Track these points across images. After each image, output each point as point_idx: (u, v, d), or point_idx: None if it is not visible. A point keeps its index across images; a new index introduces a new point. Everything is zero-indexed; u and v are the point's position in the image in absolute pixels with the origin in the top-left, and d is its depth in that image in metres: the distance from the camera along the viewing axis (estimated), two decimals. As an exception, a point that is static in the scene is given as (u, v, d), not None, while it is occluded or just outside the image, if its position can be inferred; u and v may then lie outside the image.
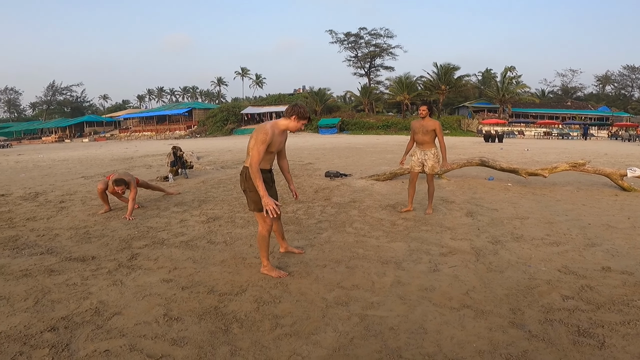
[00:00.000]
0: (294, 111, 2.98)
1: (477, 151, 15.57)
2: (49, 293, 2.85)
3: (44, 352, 2.12)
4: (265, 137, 2.85)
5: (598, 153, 15.62)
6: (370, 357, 2.06)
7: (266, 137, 2.85)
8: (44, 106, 72.44)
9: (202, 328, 2.35)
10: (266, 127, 2.90)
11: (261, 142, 2.84)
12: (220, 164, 11.57)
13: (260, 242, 3.12)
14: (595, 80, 67.98)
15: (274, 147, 3.00)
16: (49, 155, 19.26)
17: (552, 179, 7.72)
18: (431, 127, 4.98)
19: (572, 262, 3.37)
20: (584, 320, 2.40)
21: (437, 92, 42.11)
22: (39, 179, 9.35)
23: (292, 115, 2.98)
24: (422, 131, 5.01)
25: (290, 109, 3.00)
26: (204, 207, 5.70)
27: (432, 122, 5.00)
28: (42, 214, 5.43)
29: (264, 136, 2.85)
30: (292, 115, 2.98)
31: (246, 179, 3.00)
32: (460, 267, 3.28)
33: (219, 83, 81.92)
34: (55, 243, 4.07)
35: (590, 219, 4.84)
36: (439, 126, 5.01)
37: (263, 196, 2.83)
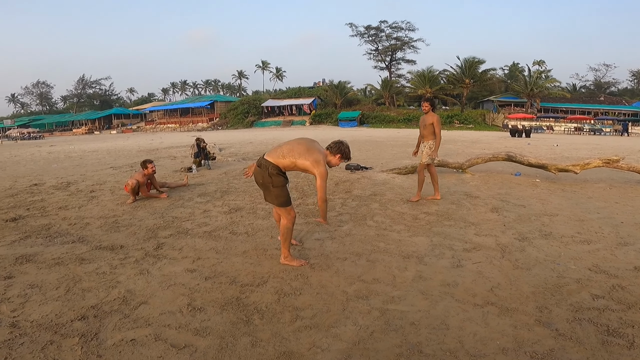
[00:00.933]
0: (340, 150, 3.14)
1: (503, 146, 15.13)
2: (79, 282, 2.96)
3: (74, 341, 2.18)
4: (327, 171, 3.00)
5: (632, 149, 14.90)
6: (391, 352, 2.04)
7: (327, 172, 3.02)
8: (75, 99, 75.20)
9: (224, 318, 2.39)
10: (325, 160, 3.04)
11: (326, 177, 2.98)
12: (242, 156, 11.70)
13: (286, 233, 3.15)
14: (630, 75, 64.71)
15: None
16: (79, 146, 19.98)
17: (583, 175, 7.42)
18: (430, 121, 5.37)
19: (604, 261, 3.25)
20: (613, 320, 2.32)
21: (461, 86, 41.06)
22: (70, 169, 9.72)
23: (338, 154, 3.14)
24: (423, 125, 5.46)
25: (336, 147, 3.13)
26: (226, 197, 5.78)
27: (431, 116, 5.38)
28: (74, 203, 5.64)
29: (326, 171, 2.99)
30: (338, 154, 3.14)
31: (270, 175, 3.00)
32: (485, 264, 3.21)
33: (240, 76, 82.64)
34: (86, 232, 4.23)
35: (623, 218, 4.63)
36: (437, 120, 5.37)
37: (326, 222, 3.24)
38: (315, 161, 2.94)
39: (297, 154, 2.98)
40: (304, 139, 3.15)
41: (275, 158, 3.01)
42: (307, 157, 2.96)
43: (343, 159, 3.17)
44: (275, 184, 3.01)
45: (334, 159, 3.14)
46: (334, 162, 3.15)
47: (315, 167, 2.93)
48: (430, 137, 5.42)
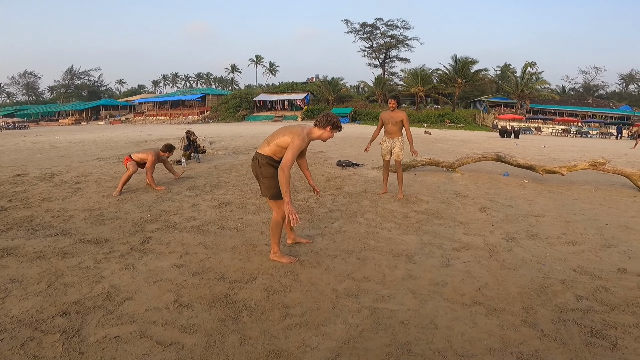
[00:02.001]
0: (329, 122, 3.04)
1: (492, 146, 15.29)
2: (62, 276, 2.88)
3: (55, 337, 2.12)
4: (301, 144, 2.87)
5: (617, 153, 15.21)
6: (380, 351, 2.04)
7: (302, 145, 2.88)
8: (62, 90, 73.79)
9: (211, 315, 2.36)
10: (303, 134, 2.91)
11: (297, 148, 2.83)
12: (232, 150, 11.59)
13: (274, 228, 3.13)
14: (619, 79, 65.94)
15: (301, 152, 3.15)
16: (65, 137, 19.56)
17: (570, 177, 7.54)
18: (399, 118, 5.48)
19: (588, 263, 3.30)
20: (597, 321, 2.35)
21: (453, 85, 41.34)
22: (55, 159, 9.51)
23: (327, 126, 3.04)
24: (392, 122, 5.50)
25: (324, 120, 3.04)
26: (215, 192, 5.72)
27: (400, 114, 5.49)
28: (58, 194, 5.52)
29: (301, 143, 2.86)
30: (327, 126, 3.04)
31: (259, 166, 3.03)
32: (473, 263, 3.23)
33: (232, 70, 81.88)
34: (69, 224, 4.13)
35: (607, 220, 4.71)
36: (406, 117, 5.50)
37: (287, 202, 2.73)
38: (292, 132, 2.90)
39: (277, 135, 2.98)
40: (287, 125, 3.10)
41: (263, 148, 3.06)
42: (286, 132, 2.94)
43: (334, 130, 3.08)
44: (265, 174, 3.02)
45: (324, 132, 3.05)
46: (326, 135, 3.06)
47: (291, 137, 2.86)
48: (399, 134, 5.55)
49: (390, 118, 5.53)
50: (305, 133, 2.94)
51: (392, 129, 5.55)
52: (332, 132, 3.07)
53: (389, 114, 5.56)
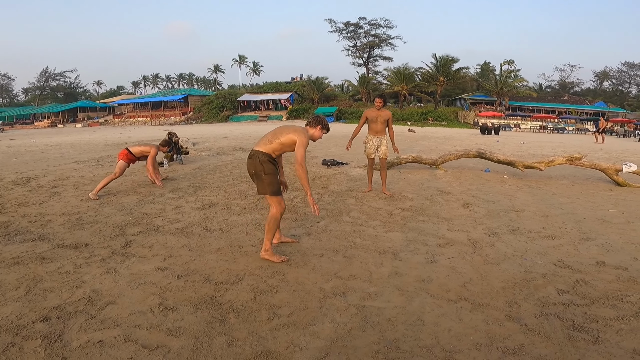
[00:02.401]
0: (319, 122, 3.32)
1: (474, 143, 15.57)
2: (41, 282, 2.80)
3: (37, 343, 2.07)
4: (307, 141, 3.11)
5: (593, 148, 15.69)
6: (369, 349, 2.05)
7: (307, 141, 3.11)
8: (37, 92, 71.63)
9: (198, 318, 2.32)
10: (306, 133, 3.16)
11: (306, 145, 3.07)
12: (216, 150, 11.46)
13: (272, 224, 3.16)
14: (594, 76, 68.12)
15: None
16: (41, 140, 18.97)
17: (548, 172, 7.74)
18: (386, 117, 5.54)
19: (567, 256, 3.38)
20: (578, 314, 2.40)
21: (435, 84, 41.89)
22: (31, 163, 9.21)
23: (318, 125, 3.30)
24: (380, 120, 5.54)
25: (314, 121, 3.32)
26: (199, 193, 5.64)
27: (387, 112, 5.58)
28: (34, 199, 5.34)
29: (307, 140, 3.10)
30: (318, 125, 3.30)
31: (260, 163, 3.07)
32: (457, 259, 3.28)
33: (215, 70, 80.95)
34: (47, 229, 4.01)
35: (585, 213, 4.86)
36: (391, 116, 5.65)
37: (310, 195, 3.05)
38: (296, 131, 3.10)
39: (280, 134, 3.11)
40: (286, 125, 3.29)
41: (263, 146, 3.12)
42: (290, 131, 3.11)
43: (324, 130, 3.33)
44: (267, 171, 3.08)
45: (315, 131, 3.29)
46: (317, 135, 3.30)
47: (297, 135, 3.06)
48: (384, 132, 5.61)
49: (377, 116, 5.55)
50: (307, 133, 3.17)
51: (378, 128, 5.58)
52: (322, 132, 3.32)
53: (375, 113, 5.56)
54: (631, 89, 64.29)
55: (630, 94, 62.66)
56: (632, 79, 64.31)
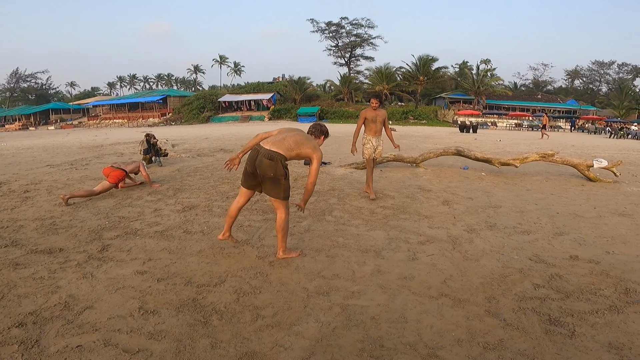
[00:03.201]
0: (322, 132, 3.50)
1: (453, 141, 15.87)
2: (14, 287, 2.70)
3: (13, 348, 2.02)
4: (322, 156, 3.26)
5: (565, 145, 16.25)
6: (353, 347, 2.06)
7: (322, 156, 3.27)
8: (7, 93, 69.23)
9: (180, 321, 2.29)
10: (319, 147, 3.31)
11: (320, 162, 3.22)
12: (197, 152, 11.29)
13: (285, 228, 3.20)
14: (565, 75, 70.56)
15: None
16: (12, 143, 18.23)
17: (522, 168, 7.97)
18: (383, 117, 5.53)
19: (542, 251, 3.48)
20: (554, 309, 2.46)
21: (416, 83, 42.49)
22: (1, 167, 8.84)
23: (322, 136, 3.50)
24: (378, 120, 5.50)
25: (318, 130, 3.48)
26: (179, 195, 5.55)
27: (384, 112, 5.57)
28: (5, 204, 5.14)
29: (322, 155, 3.26)
30: (322, 136, 3.50)
31: (283, 167, 3.10)
32: (438, 256, 3.34)
33: (195, 71, 79.79)
34: (20, 235, 3.86)
35: (558, 208, 5.02)
36: (386, 116, 5.65)
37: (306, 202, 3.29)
38: (314, 147, 3.21)
39: (301, 144, 3.18)
40: (298, 131, 3.36)
41: (285, 151, 3.10)
42: (308, 144, 3.20)
43: (325, 138, 3.53)
44: (287, 176, 3.15)
45: (320, 140, 3.48)
46: (320, 143, 3.46)
47: (315, 152, 3.18)
48: (381, 132, 5.60)
49: (375, 117, 5.48)
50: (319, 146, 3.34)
51: (377, 128, 5.53)
52: (323, 141, 3.53)
53: (374, 113, 5.48)
54: (601, 87, 66.92)
55: (600, 92, 65.14)
56: (602, 77, 66.90)
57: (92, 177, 7.05)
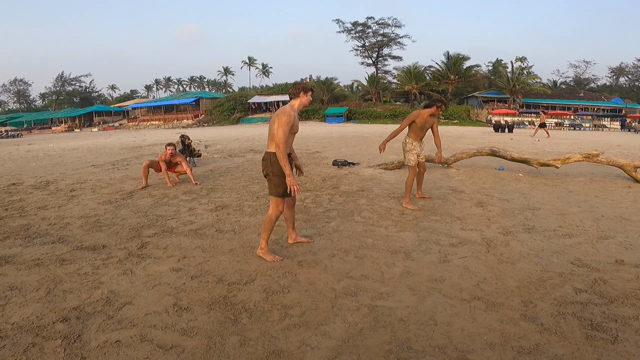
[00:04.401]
0: (299, 88, 3.22)
1: (487, 141, 15.35)
2: (60, 283, 2.87)
3: (57, 343, 2.13)
4: (289, 118, 3.03)
5: (611, 144, 15.32)
6: (380, 349, 2.04)
7: (290, 119, 3.04)
8: (53, 96, 73.50)
9: (211, 318, 2.35)
10: (287, 109, 3.09)
11: (286, 124, 3.01)
12: (228, 153, 11.57)
13: (268, 224, 3.22)
14: (609, 72, 66.68)
15: (295, 128, 3.17)
16: (59, 144, 19.44)
17: (564, 169, 7.59)
18: (434, 123, 5.11)
19: (585, 255, 3.31)
20: (597, 314, 2.35)
21: (446, 82, 41.51)
22: (49, 167, 9.45)
23: (300, 92, 3.21)
24: (426, 127, 5.06)
25: (294, 90, 3.22)
26: (212, 195, 5.71)
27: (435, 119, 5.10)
28: (53, 202, 5.48)
29: (288, 118, 3.03)
30: (300, 92, 3.21)
31: (271, 164, 3.10)
32: (471, 258, 3.24)
33: (225, 73, 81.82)
34: (66, 232, 4.11)
35: (603, 211, 4.75)
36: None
37: (289, 175, 3.00)
38: (276, 116, 3.07)
39: (271, 132, 3.09)
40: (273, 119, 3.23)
41: (270, 147, 3.14)
42: (274, 122, 3.07)
43: (307, 93, 3.22)
44: (276, 172, 3.10)
45: (301, 99, 3.21)
46: (305, 101, 3.22)
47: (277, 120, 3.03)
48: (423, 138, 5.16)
49: (426, 122, 4.99)
50: (289, 108, 3.11)
51: (422, 134, 5.09)
52: (307, 96, 3.22)
53: (426, 118, 4.97)
54: (648, 84, 62.66)
55: (647, 89, 61.04)
56: (648, 74, 62.67)
57: (132, 177, 7.39)
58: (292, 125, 3.06)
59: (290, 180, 2.99)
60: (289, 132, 3.06)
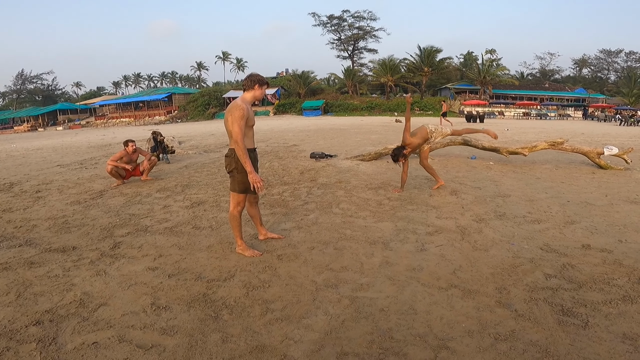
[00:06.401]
0: (254, 81, 3.09)
1: (460, 132, 15.70)
2: (30, 286, 2.76)
3: (31, 346, 2.06)
4: (242, 112, 2.93)
5: (575, 132, 16.01)
6: (363, 339, 2.07)
7: (243, 112, 2.94)
8: (14, 95, 69.90)
9: (191, 316, 2.32)
10: (238, 103, 2.99)
11: (240, 118, 2.92)
12: (203, 148, 11.34)
13: (232, 221, 3.19)
14: (573, 64, 69.43)
15: (252, 121, 3.09)
16: (22, 144, 18.50)
17: (531, 157, 7.88)
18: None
19: (553, 240, 3.44)
20: (567, 299, 2.43)
21: (420, 74, 42.11)
22: (12, 169, 8.98)
23: (255, 85, 3.09)
24: None
25: (249, 82, 3.09)
26: (187, 192, 5.59)
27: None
28: (18, 204, 5.23)
29: (241, 112, 2.93)
30: (255, 85, 3.09)
31: (235, 161, 3.03)
32: (447, 246, 3.32)
33: (199, 68, 79.85)
34: (33, 234, 3.93)
35: (569, 197, 4.96)
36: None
37: (250, 172, 2.92)
38: (228, 112, 2.98)
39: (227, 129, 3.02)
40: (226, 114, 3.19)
41: (230, 144, 3.07)
42: (227, 118, 2.98)
43: (261, 86, 3.11)
44: (240, 169, 3.03)
45: (255, 92, 3.10)
46: (259, 94, 3.13)
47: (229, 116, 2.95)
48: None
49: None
50: (240, 101, 3.01)
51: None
52: (262, 89, 3.12)
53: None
54: (610, 75, 65.78)
55: (609, 80, 64.03)
56: (610, 66, 65.82)
57: (102, 176, 7.13)
58: (247, 119, 2.97)
59: (252, 177, 2.91)
60: (246, 126, 2.97)
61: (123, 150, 6.29)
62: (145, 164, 6.46)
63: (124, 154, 6.24)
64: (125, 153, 6.25)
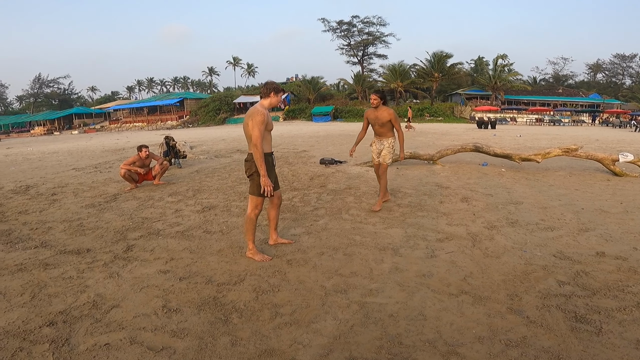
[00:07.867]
0: (270, 89, 3.23)
1: (470, 137, 15.59)
2: (45, 287, 2.82)
3: (44, 347, 2.10)
4: (262, 117, 3.06)
5: (589, 139, 15.75)
6: (371, 345, 2.07)
7: (263, 117, 3.06)
8: (31, 99, 71.55)
9: (201, 319, 2.34)
10: (258, 108, 3.13)
11: (260, 123, 3.05)
12: (214, 153, 11.47)
13: (248, 224, 3.24)
14: (587, 68, 68.35)
15: (270, 126, 3.20)
16: (38, 148, 18.94)
17: (544, 164, 7.78)
18: (386, 119, 4.67)
19: (567, 247, 3.40)
20: (580, 306, 2.40)
21: (430, 80, 41.98)
22: (29, 172, 9.20)
23: (271, 92, 3.24)
24: (378, 123, 4.73)
25: (266, 89, 3.24)
26: (198, 196, 5.65)
27: (387, 112, 4.67)
28: (34, 207, 5.35)
29: (261, 117, 3.06)
30: (271, 92, 3.24)
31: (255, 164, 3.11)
32: (457, 253, 3.30)
33: (210, 73, 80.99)
34: (48, 236, 4.02)
35: (583, 204, 4.88)
36: (394, 115, 4.69)
37: (263, 175, 3.02)
38: (249, 116, 3.08)
39: (247, 133, 3.12)
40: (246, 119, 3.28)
41: (250, 148, 3.16)
42: (247, 124, 3.09)
43: (277, 94, 3.25)
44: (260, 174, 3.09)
45: (271, 99, 3.23)
46: (275, 101, 3.25)
47: (250, 120, 3.06)
48: (389, 134, 4.79)
49: (375, 118, 4.71)
50: (260, 106, 3.15)
51: (379, 130, 4.79)
52: (277, 96, 3.25)
53: (373, 114, 4.72)
54: (625, 80, 64.58)
55: (624, 85, 62.87)
56: (625, 71, 64.59)
57: (115, 180, 7.26)
58: (266, 123, 3.10)
59: (263, 180, 3.02)
60: (265, 130, 3.10)
61: (136, 155, 6.44)
62: (156, 167, 6.57)
63: (137, 158, 6.39)
64: (139, 158, 6.40)
